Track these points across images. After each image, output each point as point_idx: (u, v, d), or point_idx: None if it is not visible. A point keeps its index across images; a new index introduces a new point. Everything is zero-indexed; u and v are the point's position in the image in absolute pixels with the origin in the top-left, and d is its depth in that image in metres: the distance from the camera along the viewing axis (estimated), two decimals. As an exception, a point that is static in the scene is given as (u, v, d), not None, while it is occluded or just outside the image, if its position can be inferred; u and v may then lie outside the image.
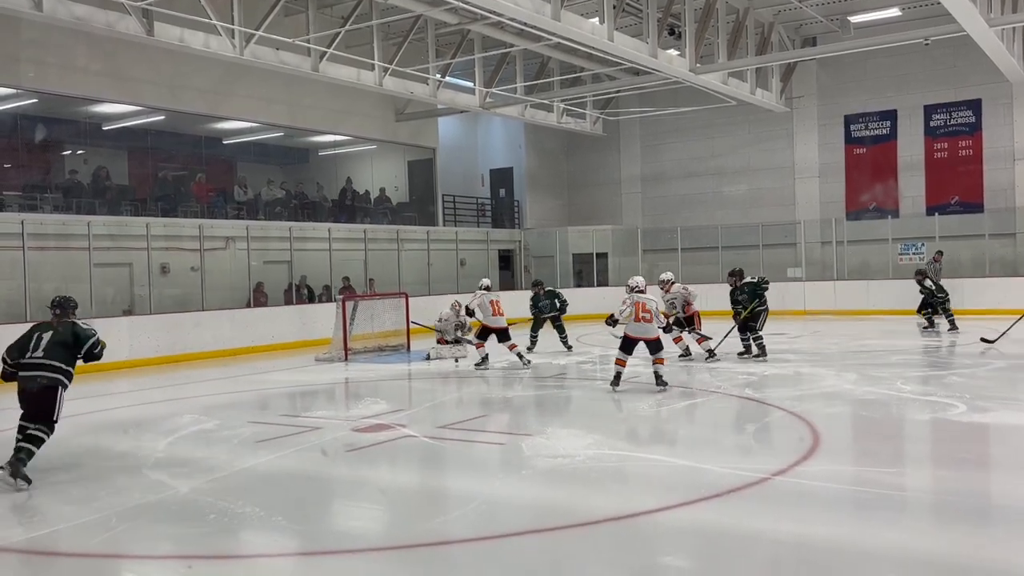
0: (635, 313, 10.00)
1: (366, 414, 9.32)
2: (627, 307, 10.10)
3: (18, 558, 5.10)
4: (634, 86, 21.59)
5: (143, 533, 5.47)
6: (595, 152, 26.96)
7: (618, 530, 5.25)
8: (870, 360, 12.68)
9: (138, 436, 8.50)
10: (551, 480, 6.47)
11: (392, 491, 6.61)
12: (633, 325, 10.06)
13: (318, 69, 16.15)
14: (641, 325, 10.01)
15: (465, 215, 25.80)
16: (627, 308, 10.10)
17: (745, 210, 24.57)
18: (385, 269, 20.57)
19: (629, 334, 10.13)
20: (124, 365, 14.17)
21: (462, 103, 20.44)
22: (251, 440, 8.18)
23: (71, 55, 15.63)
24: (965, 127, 21.95)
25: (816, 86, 23.52)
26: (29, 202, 15.65)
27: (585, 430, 8.04)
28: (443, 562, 4.91)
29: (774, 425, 8.39)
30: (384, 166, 24.34)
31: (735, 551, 4.85)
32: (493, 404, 10.09)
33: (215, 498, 6.07)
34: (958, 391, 9.60)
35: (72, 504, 6.15)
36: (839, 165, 23.59)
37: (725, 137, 24.99)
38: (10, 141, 16.46)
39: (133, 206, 17.27)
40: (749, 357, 12.79)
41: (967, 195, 21.88)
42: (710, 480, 6.17)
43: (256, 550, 5.26)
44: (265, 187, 20.48)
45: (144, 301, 15.77)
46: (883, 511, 5.47)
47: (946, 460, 7.04)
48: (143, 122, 17.98)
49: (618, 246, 25.60)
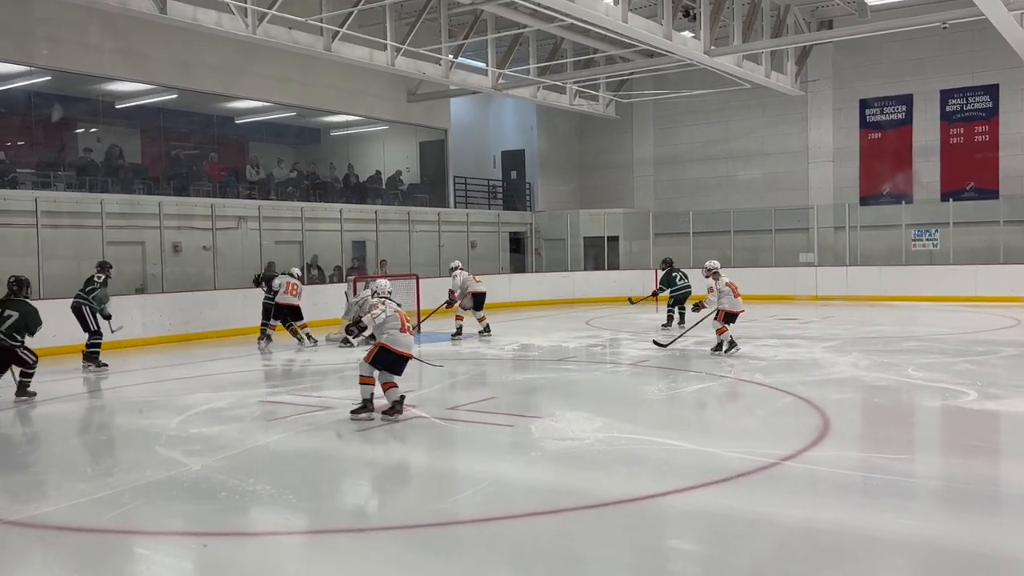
0: (733, 292, 11.72)
1: (377, 394, 9.35)
2: (718, 294, 11.70)
3: (32, 533, 5.16)
4: (648, 68, 21.43)
5: (156, 509, 5.52)
6: (608, 134, 26.84)
7: (627, 513, 5.27)
8: (881, 346, 12.64)
9: (150, 414, 8.56)
10: (560, 462, 6.49)
11: (402, 471, 6.65)
12: (732, 300, 11.73)
13: (330, 49, 16.10)
14: (737, 300, 11.76)
15: (476, 197, 25.76)
16: (717, 295, 11.70)
17: (758, 194, 24.44)
18: (396, 250, 20.59)
19: (729, 309, 11.71)
20: (137, 343, 14.27)
21: (474, 84, 20.35)
22: (262, 419, 8.24)
23: (85, 33, 15.65)
24: (982, 112, 21.73)
25: (832, 70, 23.31)
26: (43, 180, 15.72)
27: (595, 413, 8.05)
28: (452, 542, 4.94)
29: (784, 410, 8.38)
30: (396, 147, 24.30)
31: (743, 535, 4.87)
32: (503, 386, 10.11)
33: (227, 476, 6.13)
34: (969, 378, 9.56)
35: (85, 481, 6.21)
36: (853, 150, 23.42)
37: (739, 120, 24.83)
38: (24, 119, 16.53)
39: (146, 185, 17.33)
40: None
41: (983, 181, 21.70)
42: (719, 464, 6.17)
43: (267, 528, 5.30)
44: (277, 167, 20.50)
45: (156, 280, 15.85)
46: (892, 498, 5.47)
47: (956, 447, 7.03)
48: (156, 101, 18.01)
49: (630, 229, 25.53)
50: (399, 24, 18.07)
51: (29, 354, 9.28)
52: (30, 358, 9.27)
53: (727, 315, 11.72)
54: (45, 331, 11.29)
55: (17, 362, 9.21)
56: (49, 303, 13.45)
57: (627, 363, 11.93)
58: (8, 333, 9.04)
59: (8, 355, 9.13)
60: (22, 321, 9.13)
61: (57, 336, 13.42)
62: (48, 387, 10.42)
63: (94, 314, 11.77)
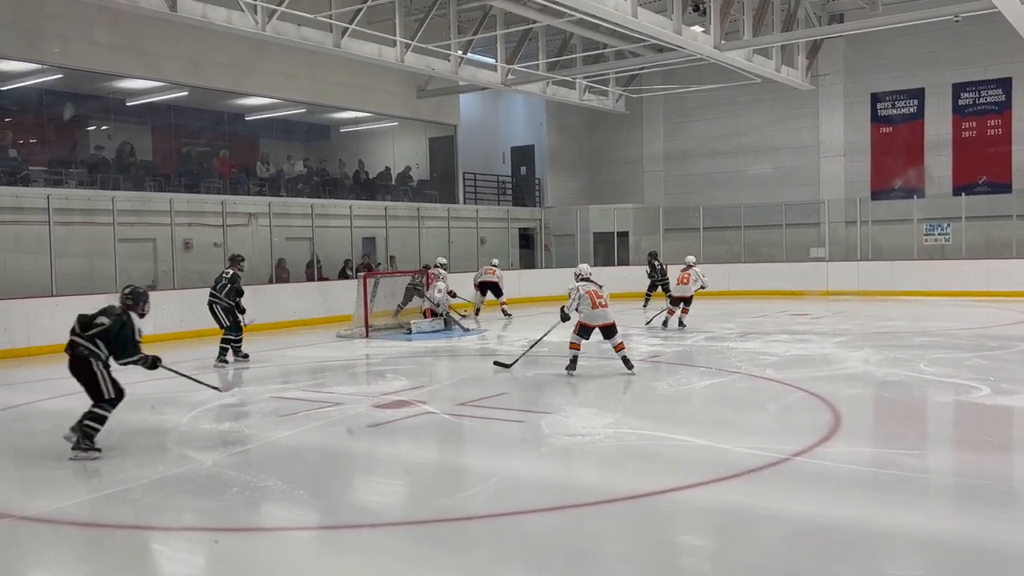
0: (592, 302, 9.91)
1: (387, 390, 9.38)
2: (577, 300, 9.96)
3: (46, 528, 5.20)
4: (657, 63, 21.37)
5: (168, 505, 5.55)
6: (617, 130, 26.78)
7: (637, 509, 5.27)
8: (893, 341, 12.58)
9: (162, 410, 8.60)
10: (570, 458, 6.49)
11: (412, 467, 6.66)
12: (591, 312, 9.93)
13: (340, 45, 16.12)
14: (599, 312, 9.94)
15: (486, 193, 25.75)
16: (576, 301, 9.96)
17: (769, 189, 24.34)
18: (406, 246, 20.62)
19: (586, 322, 9.98)
20: (148, 340, 14.24)
21: (484, 80, 20.33)
22: (273, 415, 8.27)
23: (95, 31, 15.71)
24: (994, 106, 21.58)
25: (842, 63, 23.18)
26: (55, 177, 15.80)
27: (604, 409, 8.05)
28: (462, 538, 4.94)
29: (795, 406, 8.35)
30: (405, 143, 24.31)
31: (754, 531, 4.86)
32: (513, 382, 10.12)
33: (238, 472, 6.15)
34: (982, 373, 9.50)
35: (97, 476, 6.25)
36: (865, 144, 23.30)
37: (749, 115, 24.73)
38: (36, 117, 16.61)
39: (157, 182, 17.40)
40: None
41: (995, 175, 21.55)
42: (730, 460, 6.16)
43: (279, 523, 5.33)
44: (287, 164, 20.54)
45: (168, 276, 15.91)
46: (904, 493, 5.44)
47: (969, 443, 6.99)
48: (167, 98, 18.08)
49: (640, 225, 25.48)
50: (408, 20, 18.07)
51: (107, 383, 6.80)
52: (107, 391, 6.78)
53: (582, 328, 10.13)
54: (55, 329, 11.33)
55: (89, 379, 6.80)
56: (61, 300, 13.58)
57: (637, 359, 11.91)
58: (91, 339, 6.72)
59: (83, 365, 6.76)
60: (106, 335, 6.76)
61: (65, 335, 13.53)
62: (60, 384, 10.48)
63: (228, 311, 11.62)
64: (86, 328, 6.74)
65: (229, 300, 11.64)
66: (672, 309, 14.79)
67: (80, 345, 6.69)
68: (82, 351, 6.68)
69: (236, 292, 11.68)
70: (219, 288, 11.70)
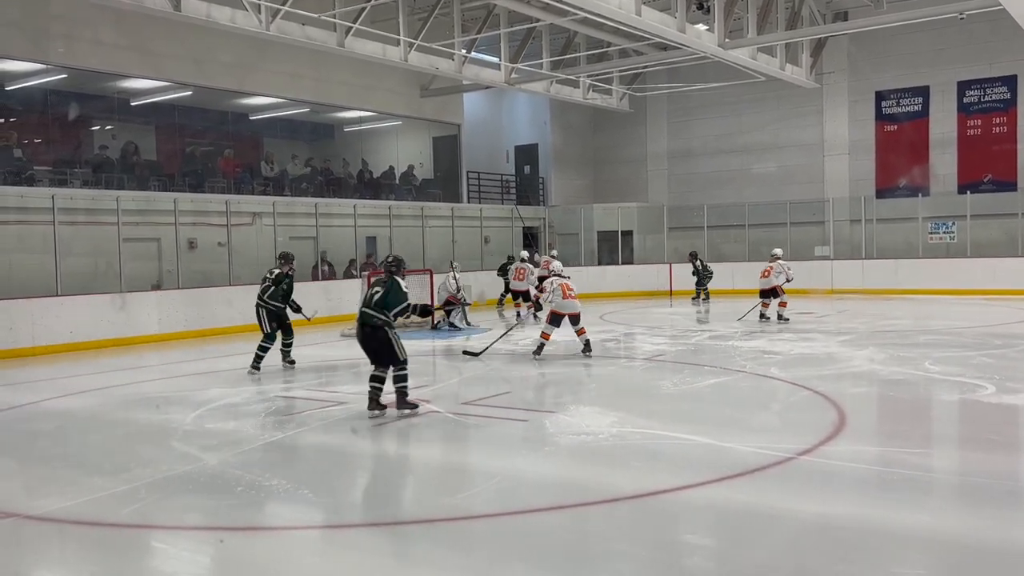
0: (563, 294, 11.22)
1: (390, 389, 9.37)
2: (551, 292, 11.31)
3: (51, 527, 5.21)
4: (661, 61, 21.34)
5: (173, 504, 5.56)
6: (621, 128, 26.76)
7: (641, 508, 5.26)
8: (898, 340, 12.56)
9: (167, 409, 8.61)
10: (574, 457, 6.48)
11: (416, 466, 6.66)
12: (561, 302, 11.24)
13: (344, 44, 16.12)
14: (569, 302, 11.25)
15: (490, 192, 25.74)
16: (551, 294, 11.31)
17: (773, 187, 24.31)
18: (410, 245, 20.62)
19: (558, 310, 11.27)
20: (153, 339, 14.38)
21: (487, 79, 20.33)
22: (278, 413, 8.28)
23: (99, 31, 15.74)
24: (999, 104, 21.52)
25: (847, 62, 23.14)
26: (59, 177, 15.83)
27: (609, 408, 8.04)
28: (466, 537, 4.94)
29: (800, 405, 8.34)
30: (409, 142, 24.32)
31: (759, 530, 4.85)
32: (517, 381, 10.12)
33: (243, 470, 6.16)
34: (987, 372, 9.48)
35: (102, 475, 6.26)
36: (869, 142, 23.25)
37: (753, 113, 24.69)
38: (40, 117, 16.64)
39: (161, 181, 17.43)
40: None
41: (1000, 173, 21.50)
42: (734, 459, 6.15)
43: (283, 522, 5.33)
44: (291, 163, 20.56)
45: (172, 276, 15.94)
46: (909, 492, 5.43)
47: (974, 442, 6.97)
48: (171, 98, 18.09)
49: (644, 224, 25.45)
50: (412, 19, 18.08)
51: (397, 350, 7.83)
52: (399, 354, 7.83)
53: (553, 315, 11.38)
54: (59, 328, 11.36)
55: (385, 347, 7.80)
56: (66, 300, 13.61)
57: (641, 358, 11.92)
58: (378, 309, 7.77)
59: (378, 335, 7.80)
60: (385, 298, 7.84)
61: (74, 333, 13.58)
62: (64, 383, 10.52)
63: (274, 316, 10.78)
64: (372, 303, 7.84)
65: (275, 303, 10.79)
66: (765, 303, 15.30)
67: (374, 316, 7.76)
68: (376, 320, 7.75)
69: (282, 294, 10.80)
70: (263, 291, 10.85)
